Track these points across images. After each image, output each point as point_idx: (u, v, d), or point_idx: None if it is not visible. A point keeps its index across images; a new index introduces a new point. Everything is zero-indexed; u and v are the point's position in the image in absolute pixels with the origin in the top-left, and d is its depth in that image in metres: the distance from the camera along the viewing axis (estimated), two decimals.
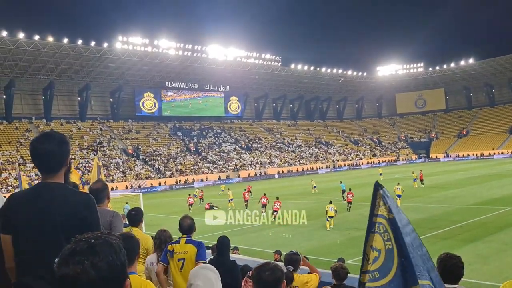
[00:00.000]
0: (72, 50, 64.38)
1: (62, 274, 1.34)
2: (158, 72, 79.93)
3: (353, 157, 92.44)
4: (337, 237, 19.81)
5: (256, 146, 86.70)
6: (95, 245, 1.37)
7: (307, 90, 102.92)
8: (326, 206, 23.40)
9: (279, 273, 2.98)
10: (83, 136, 70.37)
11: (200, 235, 20.49)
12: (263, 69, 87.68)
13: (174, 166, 70.61)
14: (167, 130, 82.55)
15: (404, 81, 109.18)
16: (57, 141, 2.84)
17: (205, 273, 2.81)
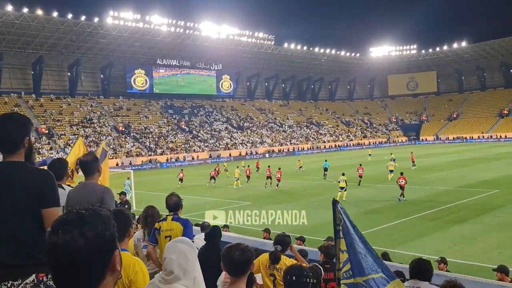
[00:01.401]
0: (62, 24, 63.20)
1: (51, 243, 1.35)
2: (150, 48, 78.91)
3: (344, 138, 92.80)
4: (326, 216, 20.00)
5: (248, 126, 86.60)
6: (84, 216, 1.40)
7: (299, 70, 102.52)
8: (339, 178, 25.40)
9: (249, 254, 3.00)
10: (73, 112, 69.69)
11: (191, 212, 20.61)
12: (256, 48, 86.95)
13: (165, 144, 70.42)
14: (158, 108, 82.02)
15: (397, 63, 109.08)
16: (16, 123, 2.92)
17: (180, 246, 2.80)
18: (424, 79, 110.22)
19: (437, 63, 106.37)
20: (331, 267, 5.54)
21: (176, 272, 2.64)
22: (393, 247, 13.91)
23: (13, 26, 60.01)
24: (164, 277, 2.69)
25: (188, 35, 77.90)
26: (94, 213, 1.42)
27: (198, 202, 25.95)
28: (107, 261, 1.40)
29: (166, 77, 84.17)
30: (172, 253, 2.72)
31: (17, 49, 67.39)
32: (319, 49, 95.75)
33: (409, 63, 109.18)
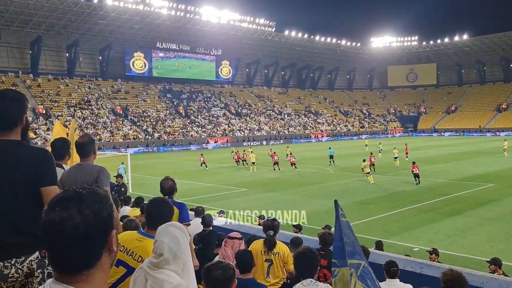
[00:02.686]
0: (61, 4, 62.52)
1: (48, 220, 1.36)
2: (149, 31, 78.28)
3: (342, 127, 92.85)
4: (322, 205, 20.09)
5: (246, 112, 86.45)
6: (82, 194, 1.40)
7: (299, 58, 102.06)
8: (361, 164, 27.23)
9: (231, 271, 2.95)
10: (71, 94, 69.35)
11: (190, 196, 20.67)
12: (257, 34, 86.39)
13: (162, 128, 70.31)
14: (156, 92, 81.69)
15: (397, 54, 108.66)
16: (12, 99, 2.86)
17: (172, 230, 2.75)
18: (424, 71, 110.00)
19: (438, 55, 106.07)
20: (326, 254, 5.62)
21: (165, 255, 2.59)
22: (387, 237, 14.02)
23: (11, 4, 59.35)
24: (153, 261, 2.64)
25: (189, 19, 77.26)
26: (92, 192, 1.43)
27: (195, 187, 26.01)
28: (103, 241, 1.40)
29: (165, 61, 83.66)
30: (164, 236, 2.68)
31: (15, 28, 66.75)
32: (319, 37, 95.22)
33: (409, 55, 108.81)
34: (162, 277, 2.56)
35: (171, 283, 2.54)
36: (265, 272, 5.27)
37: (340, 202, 13.87)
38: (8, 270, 2.75)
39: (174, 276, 2.58)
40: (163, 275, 2.57)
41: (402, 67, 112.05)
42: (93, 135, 59.58)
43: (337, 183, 26.66)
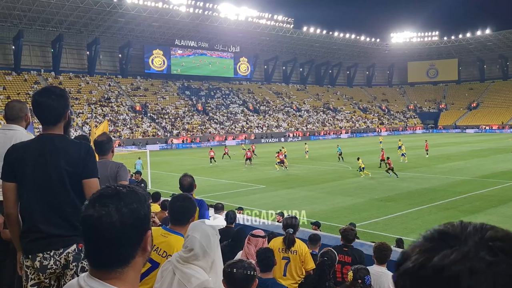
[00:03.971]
0: (82, 2, 63.34)
1: (86, 215, 1.39)
2: (168, 29, 78.78)
3: (361, 124, 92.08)
4: (341, 202, 20.01)
5: (264, 109, 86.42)
6: (121, 192, 1.42)
7: (318, 54, 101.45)
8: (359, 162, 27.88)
9: (252, 271, 2.96)
10: (91, 91, 70.34)
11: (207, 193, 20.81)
12: (275, 30, 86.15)
13: (181, 125, 70.79)
14: (175, 89, 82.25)
15: (417, 49, 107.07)
16: (56, 95, 3.01)
17: (205, 227, 2.82)
18: (444, 66, 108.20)
19: (459, 50, 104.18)
20: (348, 251, 5.59)
21: (196, 250, 2.66)
22: (406, 235, 13.89)
23: (33, 3, 60.38)
24: (182, 255, 2.71)
25: (207, 16, 77.47)
26: (131, 190, 1.44)
27: (213, 184, 26.16)
28: (139, 240, 1.41)
29: (184, 58, 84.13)
30: (196, 232, 2.74)
31: (37, 27, 67.95)
32: (338, 33, 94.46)
33: (430, 50, 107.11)
34: (190, 272, 2.62)
35: (198, 278, 2.59)
36: (282, 270, 5.29)
37: (359, 199, 14.16)
38: (47, 262, 2.86)
39: (201, 272, 2.63)
40: (191, 270, 2.63)
41: (423, 63, 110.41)
42: (113, 132, 60.37)
43: (355, 180, 26.50)
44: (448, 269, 0.64)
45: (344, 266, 5.40)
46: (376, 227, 15.59)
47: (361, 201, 20.09)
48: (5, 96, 58.78)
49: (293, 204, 19.09)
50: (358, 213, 17.65)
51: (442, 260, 0.65)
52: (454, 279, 0.63)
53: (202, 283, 2.59)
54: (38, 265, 2.85)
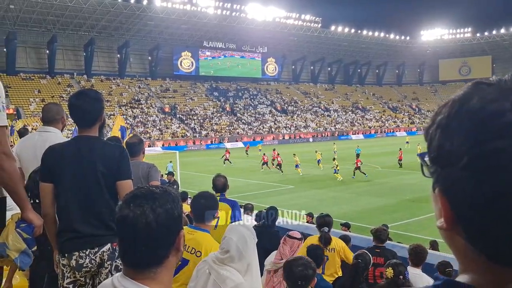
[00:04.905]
0: (113, 6, 64.70)
1: (122, 215, 1.41)
2: (196, 31, 79.55)
3: (391, 123, 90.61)
4: (371, 202, 19.71)
5: (292, 109, 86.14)
6: (155, 193, 1.44)
7: (346, 53, 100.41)
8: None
9: (311, 269, 2.96)
10: (122, 93, 71.71)
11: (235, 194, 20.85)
12: (302, 30, 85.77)
13: (209, 126, 71.32)
14: (203, 90, 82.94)
15: (449, 47, 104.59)
16: (92, 99, 3.10)
17: (242, 230, 2.82)
18: (478, 64, 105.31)
19: (493, 47, 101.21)
20: (381, 252, 5.48)
21: (232, 252, 2.66)
22: (440, 237, 13.53)
23: (66, 8, 62.00)
24: (219, 256, 2.72)
25: (235, 18, 77.81)
26: (164, 191, 1.46)
27: (241, 184, 26.20)
28: (172, 240, 1.43)
29: (212, 60, 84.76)
30: (233, 234, 2.75)
31: (70, 31, 69.76)
32: (367, 31, 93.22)
33: (462, 47, 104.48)
34: (225, 274, 2.62)
35: (233, 280, 2.59)
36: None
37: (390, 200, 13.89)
38: (83, 260, 2.94)
39: (237, 275, 2.63)
40: (226, 272, 2.63)
41: (454, 61, 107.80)
42: (143, 133, 61.36)
43: (385, 181, 26.08)
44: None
45: (377, 268, 5.29)
46: (408, 228, 15.28)
47: (392, 202, 19.73)
48: (40, 99, 60.54)
49: (322, 205, 18.91)
50: (389, 214, 17.33)
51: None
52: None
53: (236, 285, 2.58)
54: (74, 264, 2.92)
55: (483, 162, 0.63)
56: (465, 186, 0.66)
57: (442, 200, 0.73)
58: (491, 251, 0.66)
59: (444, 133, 0.70)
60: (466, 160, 0.65)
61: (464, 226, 0.69)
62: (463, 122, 0.67)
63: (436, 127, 0.72)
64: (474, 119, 0.66)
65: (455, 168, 0.67)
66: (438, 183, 0.73)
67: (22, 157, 3.96)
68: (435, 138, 0.71)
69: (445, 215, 0.73)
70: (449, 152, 0.68)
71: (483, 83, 0.72)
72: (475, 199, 0.65)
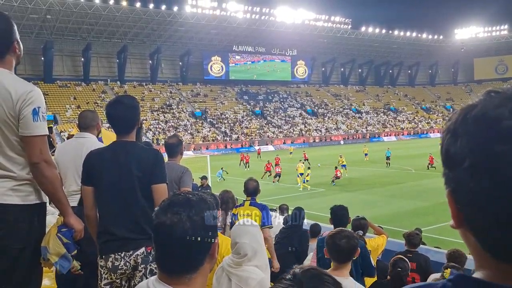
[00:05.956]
0: (144, 14, 66.03)
1: (159, 222, 1.42)
2: (226, 35, 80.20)
3: (424, 125, 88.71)
4: (403, 205, 19.39)
5: (322, 112, 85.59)
6: (192, 200, 1.45)
7: (377, 54, 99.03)
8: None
9: (355, 240, 3.00)
10: (154, 98, 73.02)
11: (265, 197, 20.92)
12: (332, 32, 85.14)
13: (240, 130, 71.69)
14: (233, 94, 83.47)
15: (484, 45, 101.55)
16: (127, 106, 3.23)
17: (248, 229, 2.85)
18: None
19: None
20: (413, 257, 5.42)
21: (249, 254, 2.72)
22: None
23: (100, 17, 63.69)
24: (234, 260, 2.76)
25: (264, 21, 78.07)
26: (201, 199, 1.48)
27: (272, 187, 26.24)
28: (208, 248, 1.45)
29: (242, 64, 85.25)
30: (244, 237, 2.79)
31: (103, 39, 71.59)
32: (398, 32, 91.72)
33: (498, 45, 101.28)
34: (246, 275, 2.68)
35: (255, 278, 2.65)
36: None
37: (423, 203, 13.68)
38: (118, 262, 3.04)
39: (257, 271, 2.69)
40: (246, 273, 2.69)
41: (490, 59, 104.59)
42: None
43: (419, 183, 25.60)
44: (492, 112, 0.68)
45: (410, 273, 5.22)
46: (442, 232, 14.94)
47: (425, 205, 19.35)
48: (76, 106, 62.34)
49: (354, 208, 18.71)
50: (422, 217, 17.01)
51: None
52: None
53: (259, 282, 2.64)
54: (110, 265, 3.02)
55: (483, 164, 0.67)
56: (468, 187, 0.70)
57: (449, 200, 0.77)
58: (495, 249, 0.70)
59: (451, 137, 0.74)
60: (468, 162, 0.69)
61: (469, 225, 0.73)
62: (468, 127, 0.71)
63: (447, 132, 0.77)
64: (477, 124, 0.70)
65: (459, 170, 0.72)
66: (447, 184, 0.78)
67: (60, 162, 4.12)
68: (445, 143, 0.76)
69: (453, 214, 0.77)
70: (454, 154, 0.73)
71: (492, 91, 0.76)
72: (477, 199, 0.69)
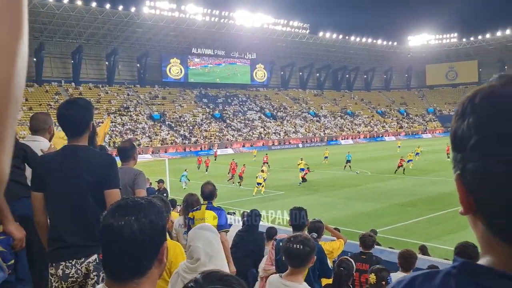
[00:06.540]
0: (100, 14, 64.52)
1: (106, 225, 1.40)
2: (185, 38, 79.59)
3: (379, 128, 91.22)
4: (361, 207, 19.78)
5: (281, 115, 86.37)
6: (140, 203, 1.44)
7: (334, 59, 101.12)
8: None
9: (310, 246, 2.96)
10: (110, 101, 71.35)
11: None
12: (291, 36, 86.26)
13: (199, 133, 71.19)
14: (192, 97, 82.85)
15: (436, 52, 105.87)
16: (80, 108, 3.08)
17: (204, 234, 2.81)
18: (464, 68, 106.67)
19: (479, 52, 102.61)
20: (367, 258, 5.47)
21: (202, 259, 2.67)
22: (428, 241, 13.63)
23: (53, 16, 61.68)
24: (189, 266, 2.71)
25: (223, 24, 78.04)
26: (149, 202, 1.47)
27: (231, 190, 26.17)
28: (156, 252, 1.43)
29: (201, 66, 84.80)
30: (197, 241, 2.75)
31: (57, 39, 69.33)
32: (355, 37, 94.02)
33: (448, 52, 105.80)
34: None
35: None
36: None
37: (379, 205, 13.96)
38: (69, 270, 2.91)
39: None
40: None
41: (441, 65, 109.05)
42: (132, 141, 61.04)
43: (375, 185, 26.23)
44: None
45: (362, 274, 5.29)
46: (397, 233, 15.36)
47: (381, 207, 19.85)
48: (28, 108, 59.92)
49: (313, 211, 18.92)
50: (379, 219, 17.42)
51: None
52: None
53: None
54: (61, 273, 2.91)
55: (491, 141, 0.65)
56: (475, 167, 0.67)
57: (458, 184, 0.73)
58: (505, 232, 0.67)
59: (459, 119, 0.73)
60: (474, 141, 0.67)
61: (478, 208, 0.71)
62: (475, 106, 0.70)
63: (455, 117, 0.76)
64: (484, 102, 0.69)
65: (466, 150, 0.69)
66: (455, 168, 0.74)
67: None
68: (453, 127, 0.75)
69: (461, 199, 0.74)
70: (461, 135, 0.71)
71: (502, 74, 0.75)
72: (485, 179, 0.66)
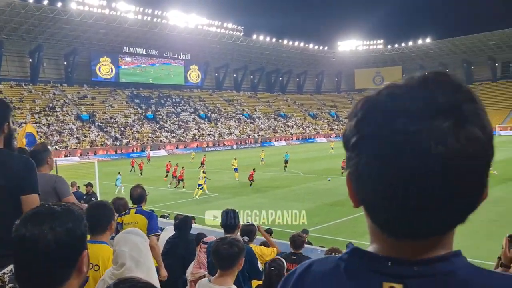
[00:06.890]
0: (23, 8, 60.89)
1: (18, 235, 1.31)
2: (116, 36, 77.09)
3: (311, 130, 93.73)
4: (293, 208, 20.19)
5: (216, 117, 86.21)
6: (56, 211, 1.35)
7: (268, 62, 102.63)
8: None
9: (238, 247, 2.96)
10: (34, 100, 67.49)
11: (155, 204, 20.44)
12: (225, 38, 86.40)
13: (131, 134, 69.27)
14: (124, 97, 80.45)
15: (363, 57, 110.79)
16: None
17: (131, 238, 2.73)
18: (389, 73, 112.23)
19: (402, 58, 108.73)
20: (297, 259, 5.56)
21: (128, 264, 2.58)
22: (356, 238, 14.25)
23: None
24: (115, 272, 2.61)
25: (156, 24, 76.55)
26: (66, 209, 1.38)
27: (164, 193, 25.74)
28: (74, 261, 1.35)
29: (133, 66, 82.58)
30: (123, 245, 2.65)
31: None
32: (288, 41, 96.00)
33: (375, 58, 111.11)
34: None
35: None
36: None
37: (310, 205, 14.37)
38: None
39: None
40: None
41: (369, 70, 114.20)
42: (59, 142, 58.23)
43: (307, 186, 26.91)
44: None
45: None
46: (327, 232, 15.90)
47: (312, 206, 20.40)
48: None
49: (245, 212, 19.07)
50: (310, 218, 17.86)
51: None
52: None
53: None
54: None
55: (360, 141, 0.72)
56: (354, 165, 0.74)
57: (347, 181, 0.79)
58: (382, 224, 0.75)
59: (348, 122, 0.79)
60: (353, 141, 0.74)
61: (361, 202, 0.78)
62: (356, 111, 0.78)
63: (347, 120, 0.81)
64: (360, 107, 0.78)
65: (349, 150, 0.76)
66: (346, 166, 0.80)
67: None
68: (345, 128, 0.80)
69: (349, 194, 0.80)
70: (346, 136, 0.77)
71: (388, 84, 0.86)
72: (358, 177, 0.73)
